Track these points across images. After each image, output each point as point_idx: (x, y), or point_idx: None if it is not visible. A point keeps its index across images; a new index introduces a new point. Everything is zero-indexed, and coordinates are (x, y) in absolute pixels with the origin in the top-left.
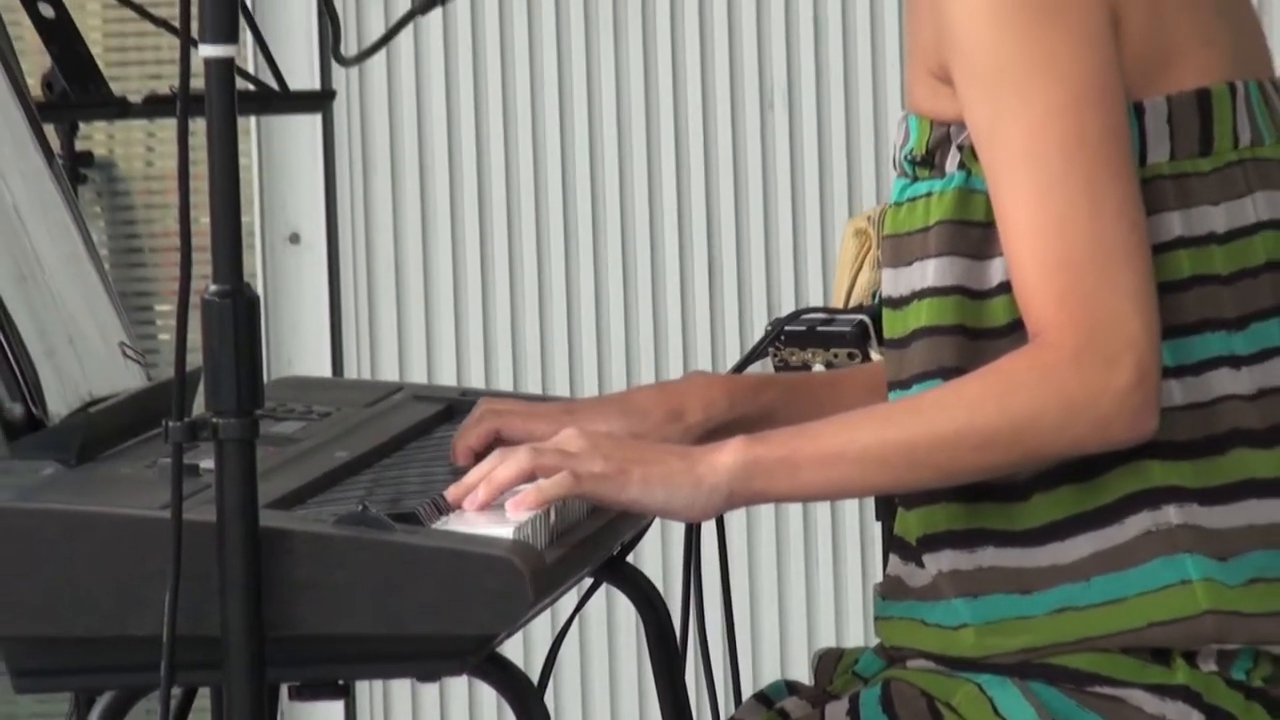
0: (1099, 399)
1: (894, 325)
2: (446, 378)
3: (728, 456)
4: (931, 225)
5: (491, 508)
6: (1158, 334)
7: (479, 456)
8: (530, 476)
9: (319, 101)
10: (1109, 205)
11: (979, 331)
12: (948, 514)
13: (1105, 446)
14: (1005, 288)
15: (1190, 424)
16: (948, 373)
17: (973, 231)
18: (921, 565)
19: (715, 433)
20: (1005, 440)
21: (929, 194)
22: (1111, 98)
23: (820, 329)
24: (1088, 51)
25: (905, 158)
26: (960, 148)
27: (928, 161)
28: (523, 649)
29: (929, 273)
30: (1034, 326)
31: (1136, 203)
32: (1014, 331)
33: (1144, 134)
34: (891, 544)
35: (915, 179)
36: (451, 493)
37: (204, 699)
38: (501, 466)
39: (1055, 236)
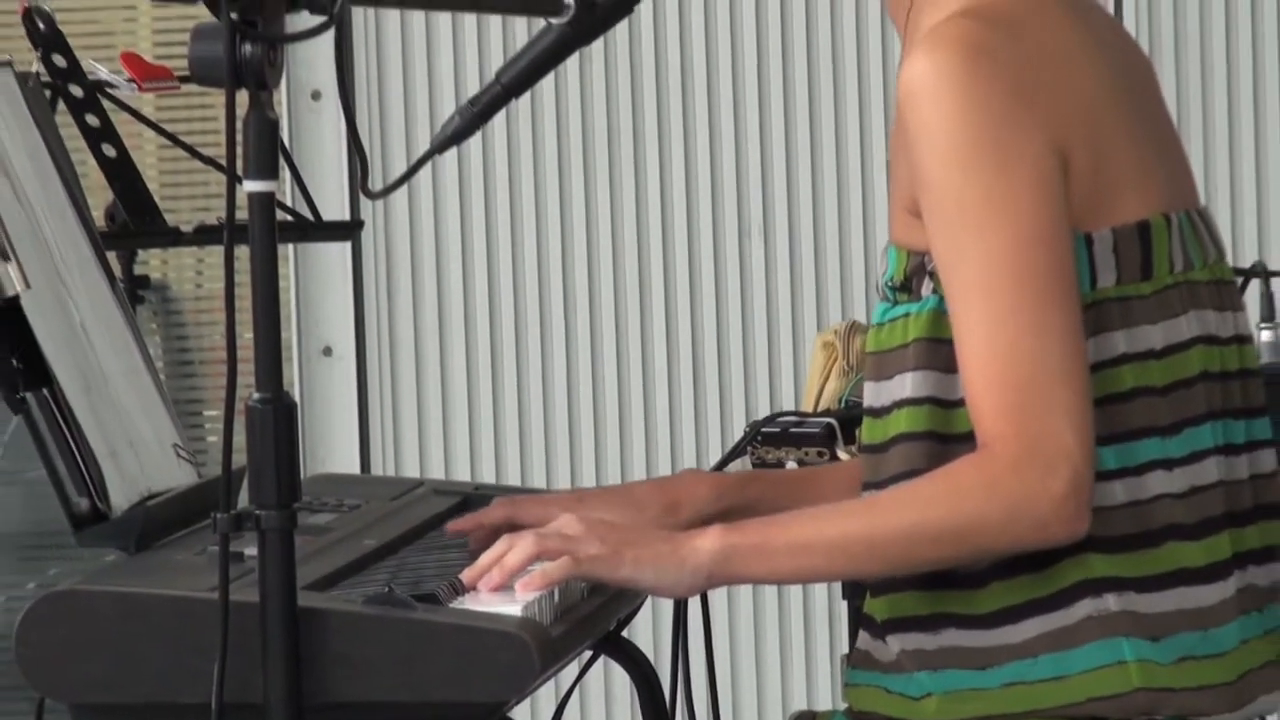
0: (1038, 504)
1: (874, 432)
2: (462, 474)
3: (707, 542)
4: (910, 342)
5: (502, 588)
6: (1092, 447)
7: (492, 537)
8: (535, 560)
9: (349, 230)
10: (1053, 333)
11: (947, 437)
12: (913, 601)
13: (1043, 545)
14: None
15: (1129, 521)
16: (919, 475)
17: (944, 348)
18: (886, 643)
19: (705, 522)
20: (954, 538)
21: (906, 315)
22: (1058, 236)
23: (793, 430)
24: (1038, 195)
25: (886, 284)
26: (932, 274)
27: (905, 287)
28: (530, 714)
29: (907, 385)
30: (983, 437)
31: (1077, 330)
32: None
33: (1093, 262)
34: (860, 621)
35: (895, 303)
36: (467, 575)
37: None
38: (511, 553)
39: (1004, 360)
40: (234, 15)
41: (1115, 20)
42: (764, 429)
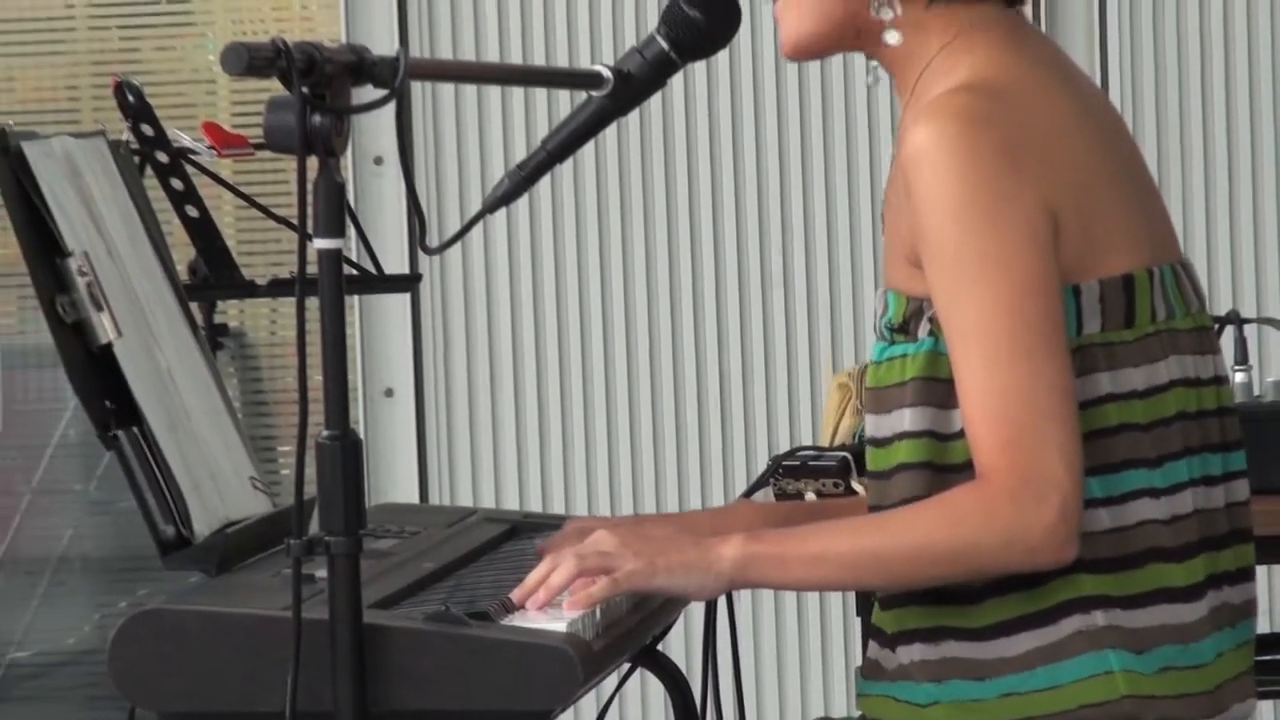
0: (1029, 531)
1: (877, 461)
2: (511, 503)
3: (730, 550)
4: (908, 381)
5: (548, 605)
6: (1081, 479)
7: None
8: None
9: (408, 283)
10: (1044, 375)
11: (944, 467)
12: (917, 615)
13: (1033, 569)
14: (965, 433)
15: (1114, 544)
16: (919, 500)
17: (939, 386)
18: (894, 652)
19: None
20: (952, 559)
21: (904, 355)
22: (1048, 288)
23: (811, 463)
24: (1031, 250)
25: (884, 325)
26: (931, 319)
27: (903, 329)
28: None
29: (905, 419)
30: (980, 468)
31: (1067, 372)
32: (972, 468)
33: (1080, 310)
34: (870, 633)
35: (892, 342)
36: (516, 594)
37: None
38: (555, 573)
39: (1000, 399)
40: (305, 89)
41: (1100, 90)
42: (785, 462)
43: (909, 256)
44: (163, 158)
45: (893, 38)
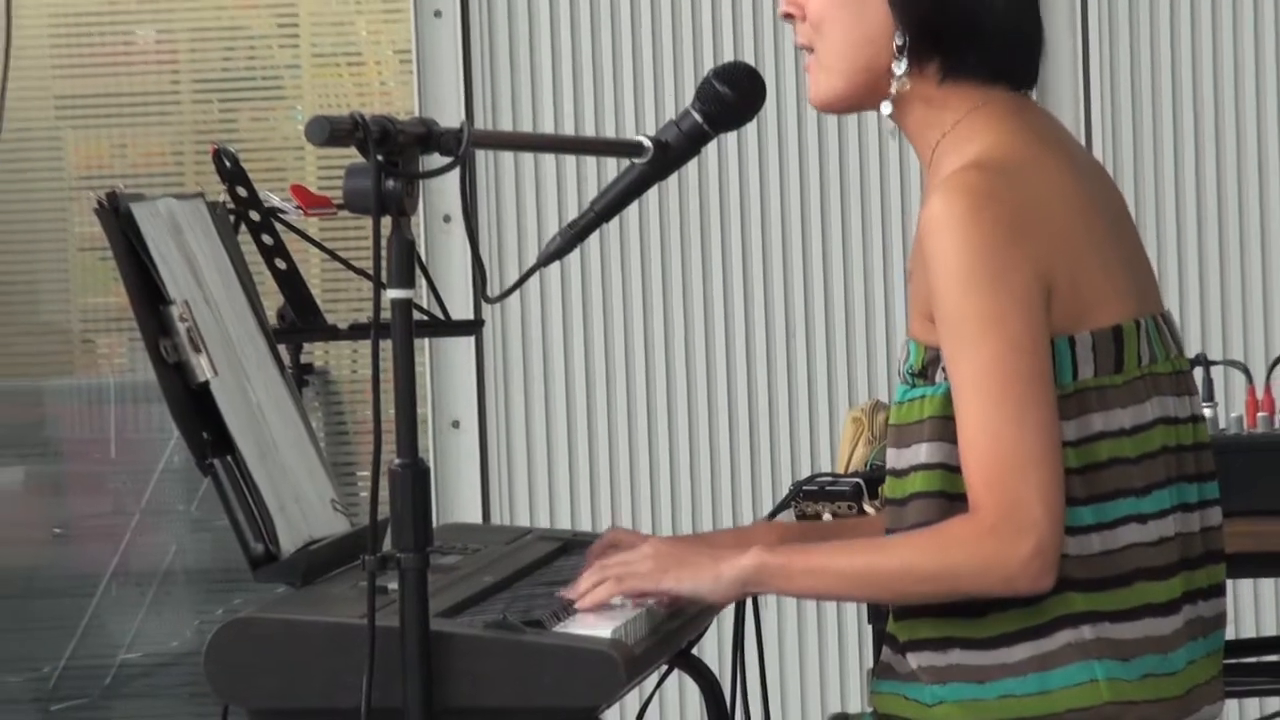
0: (1008, 562)
1: (895, 489)
2: (563, 523)
3: (745, 559)
4: (925, 419)
5: (598, 609)
6: (1059, 518)
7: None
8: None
9: (472, 328)
10: (1030, 424)
11: (955, 496)
12: (927, 626)
13: (1010, 594)
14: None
15: (1104, 566)
16: (932, 524)
17: (953, 424)
18: (905, 657)
19: None
20: (936, 580)
21: (923, 396)
22: (1038, 346)
23: (828, 488)
24: (1023, 313)
25: (907, 370)
26: (944, 367)
27: (923, 374)
28: (619, 716)
29: (922, 453)
30: (972, 503)
31: (1053, 422)
32: None
33: (1075, 358)
34: (884, 639)
35: (913, 385)
36: (567, 592)
37: None
38: (599, 589)
39: (991, 443)
40: (380, 157)
41: (1093, 158)
42: (804, 487)
43: (926, 313)
44: (255, 216)
45: (886, 108)
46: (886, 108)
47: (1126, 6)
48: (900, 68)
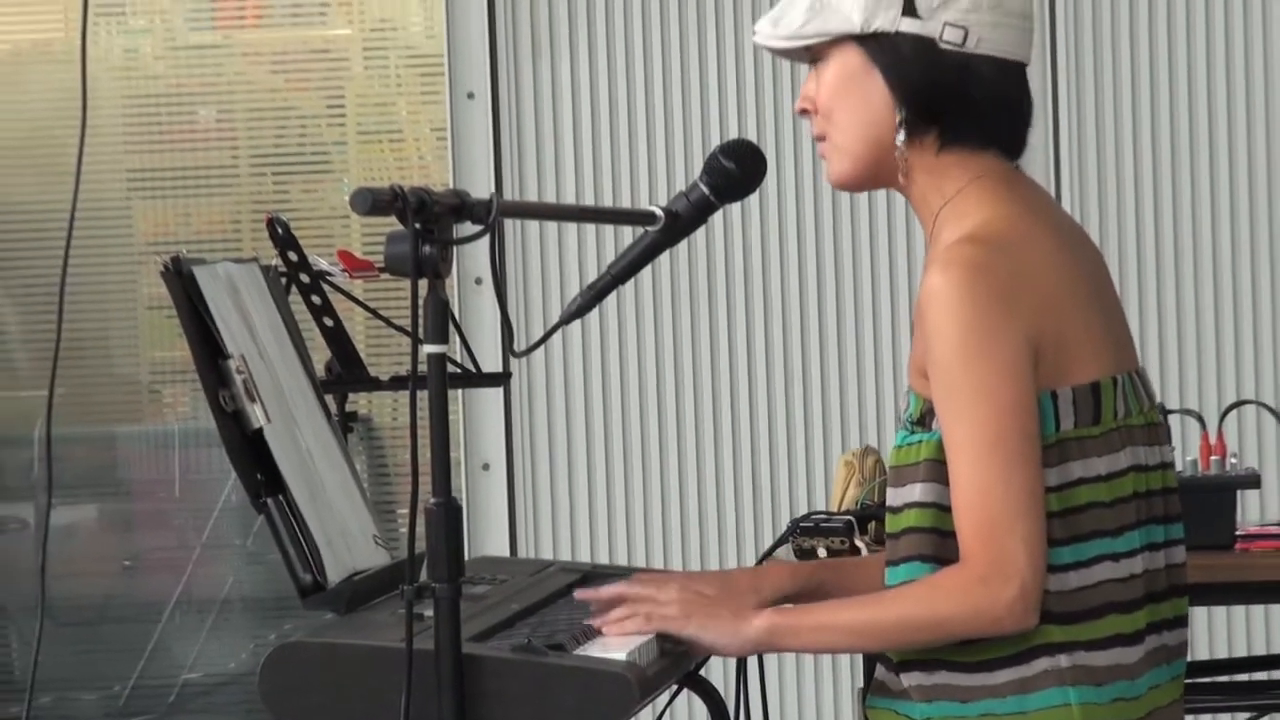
0: (994, 607)
1: (892, 524)
2: (584, 556)
3: (759, 620)
4: (921, 461)
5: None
6: (1042, 565)
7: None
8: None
9: (500, 379)
10: (1016, 482)
11: (945, 532)
12: (918, 650)
13: (998, 634)
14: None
15: (1080, 600)
16: (925, 558)
17: (944, 468)
18: (898, 676)
19: (785, 600)
20: (932, 627)
21: (920, 441)
22: (1026, 409)
23: (822, 524)
24: (1012, 381)
25: (906, 418)
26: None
27: (920, 422)
28: None
29: (917, 492)
30: (962, 552)
31: (1037, 478)
32: None
33: (1058, 411)
34: (878, 659)
35: (912, 432)
36: (593, 622)
37: None
38: (628, 622)
39: (980, 498)
40: (417, 225)
41: (1077, 225)
42: (801, 523)
43: (923, 369)
44: (305, 278)
45: (910, 178)
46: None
47: (1093, 86)
48: (900, 138)
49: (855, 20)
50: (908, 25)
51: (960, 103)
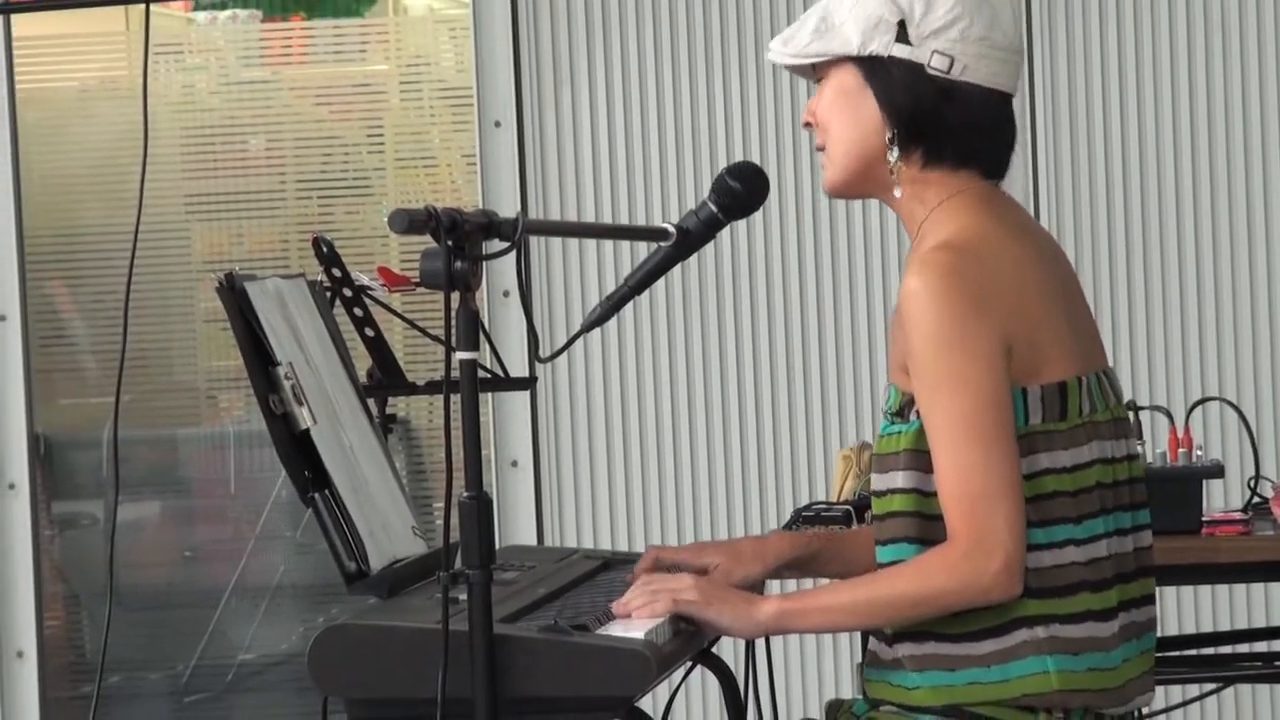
0: (981, 579)
1: (878, 507)
2: (605, 544)
3: (768, 606)
4: (901, 451)
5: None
6: (1022, 539)
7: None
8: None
9: (527, 384)
10: (994, 464)
11: (927, 515)
12: (909, 624)
13: (987, 604)
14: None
15: (1052, 577)
16: (910, 540)
17: (924, 456)
18: (890, 647)
19: (785, 566)
20: (926, 602)
21: (899, 432)
22: (1001, 399)
23: (823, 514)
24: (987, 371)
25: (887, 410)
26: (917, 410)
27: (900, 414)
28: (651, 704)
29: (899, 479)
30: (949, 532)
31: (1014, 460)
32: None
33: (1027, 407)
34: (872, 632)
35: (892, 423)
36: (617, 607)
37: None
38: (647, 607)
39: (961, 480)
40: (449, 242)
41: (1049, 235)
42: (803, 513)
43: (904, 365)
44: (348, 293)
45: (899, 191)
46: (899, 190)
47: (1067, 110)
48: (893, 155)
49: (854, 43)
50: (899, 51)
51: (942, 125)
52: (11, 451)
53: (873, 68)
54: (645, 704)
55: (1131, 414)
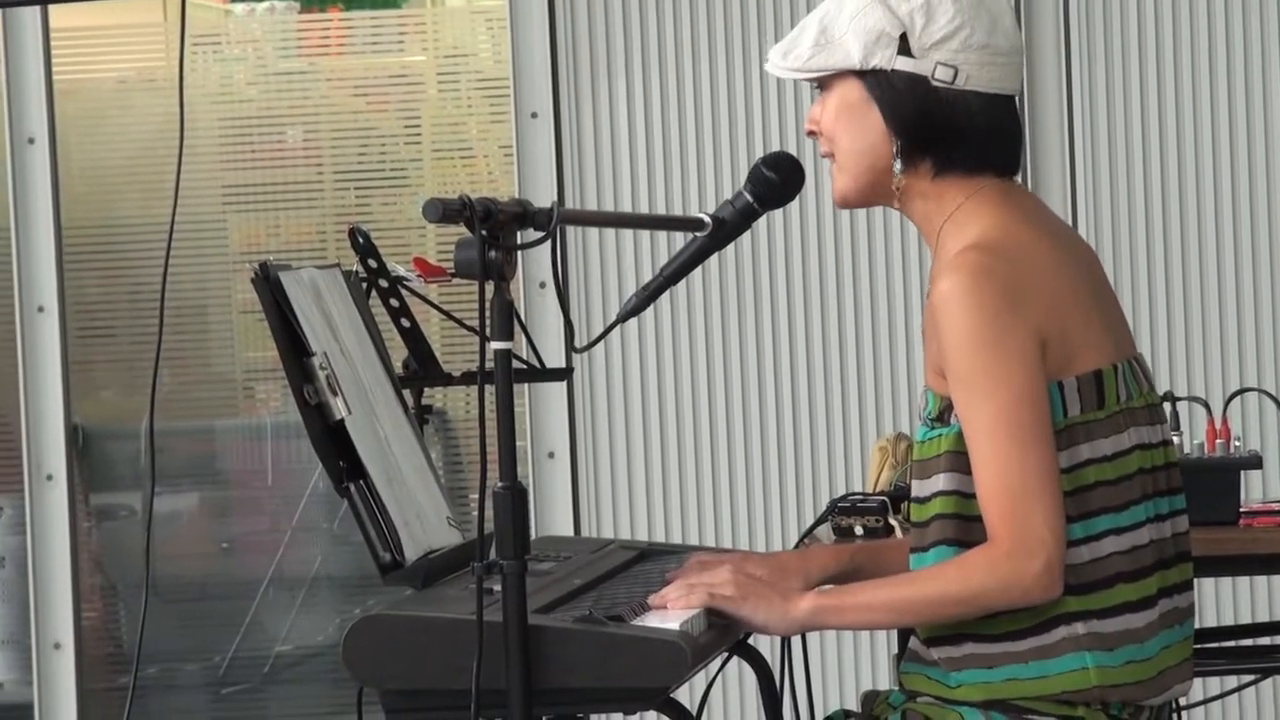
0: (1022, 579)
1: (918, 513)
2: (641, 535)
3: (804, 603)
4: (942, 454)
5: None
6: (1063, 538)
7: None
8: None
9: (563, 374)
10: (1032, 463)
11: (968, 517)
12: (946, 623)
13: (1027, 605)
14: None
15: (1090, 572)
16: (950, 542)
17: (963, 458)
18: (929, 648)
19: (827, 580)
20: (966, 602)
21: (940, 435)
22: (1038, 396)
23: (859, 504)
24: (1023, 368)
25: (926, 415)
26: (957, 412)
27: (939, 418)
28: (687, 695)
29: (940, 482)
30: (989, 531)
31: (1052, 459)
32: None
33: (1064, 399)
34: (910, 630)
35: (932, 428)
36: (654, 600)
37: None
38: (682, 599)
39: (1001, 480)
40: (484, 232)
41: (1072, 230)
42: (839, 504)
43: (938, 369)
44: (384, 283)
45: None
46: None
47: (1105, 109)
48: (898, 167)
49: (855, 57)
50: (903, 64)
51: (951, 134)
52: (49, 443)
53: (876, 82)
54: (681, 695)
55: (1169, 405)
